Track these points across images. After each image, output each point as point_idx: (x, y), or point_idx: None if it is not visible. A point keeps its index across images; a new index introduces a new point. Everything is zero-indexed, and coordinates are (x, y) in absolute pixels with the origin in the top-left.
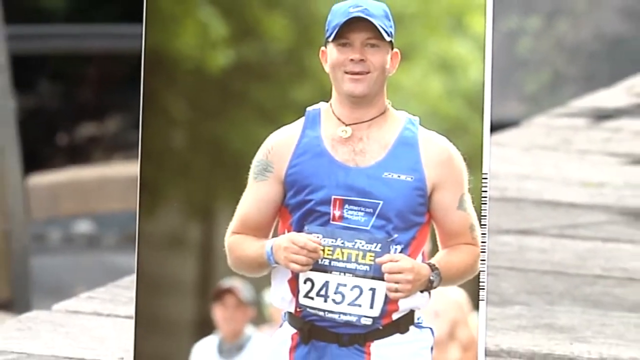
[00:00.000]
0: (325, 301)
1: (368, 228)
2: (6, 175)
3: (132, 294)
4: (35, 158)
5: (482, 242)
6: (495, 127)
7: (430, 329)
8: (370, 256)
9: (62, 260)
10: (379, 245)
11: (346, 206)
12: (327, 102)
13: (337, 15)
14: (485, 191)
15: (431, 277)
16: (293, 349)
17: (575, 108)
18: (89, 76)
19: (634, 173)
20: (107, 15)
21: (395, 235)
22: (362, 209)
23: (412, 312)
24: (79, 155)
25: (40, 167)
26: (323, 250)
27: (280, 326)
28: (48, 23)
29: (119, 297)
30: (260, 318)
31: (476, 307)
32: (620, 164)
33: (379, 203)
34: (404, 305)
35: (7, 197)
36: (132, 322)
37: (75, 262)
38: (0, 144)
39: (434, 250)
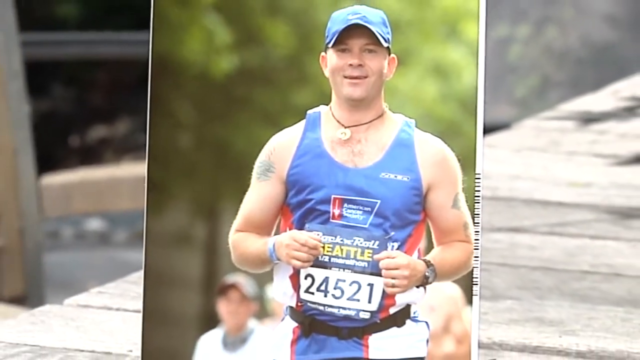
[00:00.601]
0: (325, 296)
1: (366, 226)
2: (21, 176)
3: (141, 289)
4: (49, 159)
5: (475, 239)
6: (487, 130)
7: (426, 322)
8: (369, 253)
9: (74, 257)
10: (377, 242)
11: (345, 205)
12: (327, 105)
13: (336, 22)
14: (479, 190)
15: (427, 273)
16: (294, 341)
17: (564, 111)
18: (100, 81)
19: (619, 173)
20: (117, 23)
21: (392, 233)
22: (361, 207)
23: (408, 306)
24: (90, 156)
25: (54, 168)
26: (323, 247)
27: (282, 320)
28: (61, 30)
29: (128, 292)
30: (262, 312)
31: (470, 301)
32: (607, 165)
33: (377, 202)
34: (401, 300)
35: (21, 196)
36: (140, 316)
37: (86, 258)
38: (15, 146)
39: (430, 247)
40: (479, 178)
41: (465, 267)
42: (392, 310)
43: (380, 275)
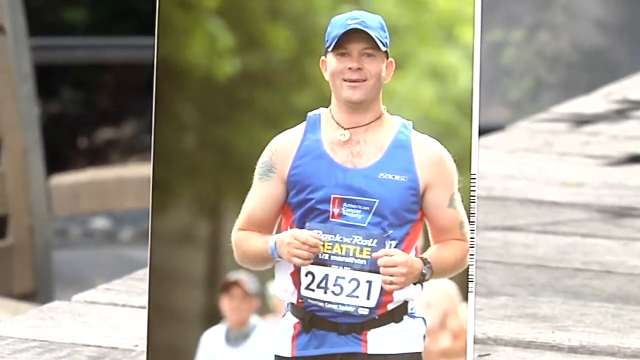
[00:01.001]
0: (325, 293)
1: (365, 225)
2: (30, 176)
3: (146, 285)
4: (58, 160)
5: (471, 237)
6: (482, 131)
7: (423, 318)
8: (367, 251)
9: (81, 254)
10: (375, 240)
11: (345, 204)
12: (327, 107)
13: (336, 27)
14: (474, 190)
15: (423, 271)
16: (295, 337)
17: (556, 113)
18: (107, 84)
19: (610, 174)
20: (123, 28)
21: (390, 232)
22: (360, 207)
23: (406, 302)
24: (97, 157)
25: (62, 168)
26: (323, 245)
27: (283, 316)
28: (69, 35)
29: (134, 289)
30: (264, 308)
31: (465, 298)
32: (598, 166)
33: (375, 201)
34: (398, 297)
35: (31, 195)
36: (146, 312)
37: (93, 256)
38: (25, 147)
39: (426, 245)
40: (474, 178)
41: (461, 265)
42: (390, 307)
43: (378, 272)
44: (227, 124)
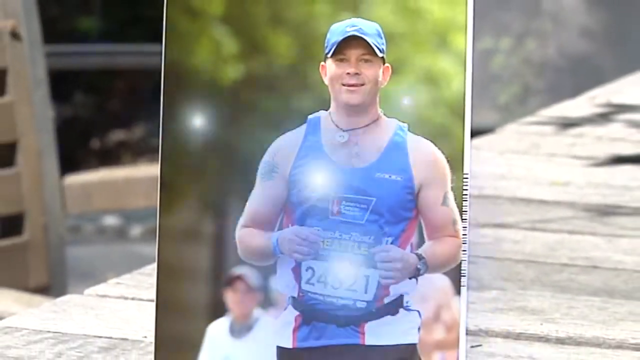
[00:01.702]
0: (325, 287)
1: (363, 222)
2: (45, 176)
3: (154, 280)
4: (71, 160)
5: (463, 234)
6: (473, 134)
7: (418, 311)
8: (365, 247)
9: (93, 250)
10: (372, 237)
11: (343, 203)
12: (327, 110)
13: (335, 34)
14: (466, 189)
15: (418, 266)
16: (296, 329)
17: (543, 117)
18: (118, 89)
19: (595, 174)
20: (133, 35)
21: (387, 229)
22: (358, 205)
23: (401, 296)
24: (109, 158)
25: (75, 169)
26: (323, 242)
27: (285, 309)
28: (82, 42)
29: (143, 283)
30: (267, 302)
31: (458, 292)
32: (584, 166)
33: (373, 200)
34: (394, 291)
35: (46, 194)
36: (154, 305)
37: (105, 252)
38: (40, 148)
39: (421, 241)
40: (466, 178)
41: (454, 260)
42: (386, 300)
43: (375, 267)
44: (231, 127)
